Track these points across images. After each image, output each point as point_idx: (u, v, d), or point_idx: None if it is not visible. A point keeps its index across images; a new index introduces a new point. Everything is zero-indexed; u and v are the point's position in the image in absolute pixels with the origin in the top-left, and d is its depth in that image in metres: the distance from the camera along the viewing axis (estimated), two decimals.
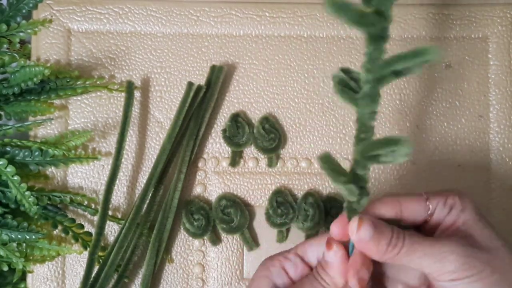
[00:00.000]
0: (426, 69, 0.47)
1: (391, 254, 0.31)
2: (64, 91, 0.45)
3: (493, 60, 0.48)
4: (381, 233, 0.31)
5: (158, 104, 0.47)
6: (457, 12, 0.48)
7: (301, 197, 0.46)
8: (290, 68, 0.48)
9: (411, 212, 0.33)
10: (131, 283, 0.46)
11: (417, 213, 0.33)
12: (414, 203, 0.33)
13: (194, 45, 0.48)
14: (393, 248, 0.31)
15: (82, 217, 0.46)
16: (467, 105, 0.47)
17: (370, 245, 0.31)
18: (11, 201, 0.43)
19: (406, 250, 0.31)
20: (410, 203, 0.33)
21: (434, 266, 0.31)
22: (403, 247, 0.31)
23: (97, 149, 0.47)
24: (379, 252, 0.31)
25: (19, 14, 0.46)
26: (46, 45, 0.47)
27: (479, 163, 0.47)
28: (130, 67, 0.48)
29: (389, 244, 0.31)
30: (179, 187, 0.45)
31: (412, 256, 0.31)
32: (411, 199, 0.34)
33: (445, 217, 0.33)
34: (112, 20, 0.48)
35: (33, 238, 0.42)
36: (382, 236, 0.31)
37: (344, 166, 0.46)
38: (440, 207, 0.33)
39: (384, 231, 0.31)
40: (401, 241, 0.31)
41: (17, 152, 0.44)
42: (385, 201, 0.33)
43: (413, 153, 0.47)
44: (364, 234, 0.31)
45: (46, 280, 0.46)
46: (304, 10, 0.48)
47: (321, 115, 0.47)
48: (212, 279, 0.46)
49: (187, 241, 0.46)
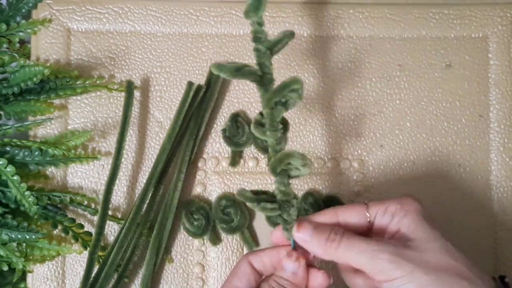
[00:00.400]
0: (426, 69, 0.47)
1: (331, 248, 0.34)
2: (64, 91, 0.45)
3: (493, 60, 0.48)
4: (319, 229, 0.35)
5: (158, 104, 0.47)
6: (457, 11, 0.48)
7: (301, 197, 0.46)
8: (290, 68, 0.47)
9: (350, 221, 0.36)
10: (131, 283, 0.46)
11: (356, 222, 0.36)
12: (353, 212, 0.36)
13: (194, 45, 0.48)
14: (331, 243, 0.34)
15: (82, 217, 0.46)
16: (467, 105, 0.47)
17: (312, 242, 0.34)
18: (11, 201, 0.43)
19: (344, 245, 0.33)
20: (348, 213, 0.36)
21: (368, 264, 0.32)
22: (341, 241, 0.33)
23: (97, 149, 0.47)
24: (320, 246, 0.34)
25: (19, 13, 0.46)
26: (46, 44, 0.47)
27: (479, 163, 0.47)
28: (130, 66, 0.48)
29: (327, 239, 0.34)
30: (179, 187, 0.45)
31: (350, 252, 0.33)
32: (349, 209, 0.36)
33: (389, 225, 0.35)
34: (111, 19, 0.48)
35: (33, 238, 0.42)
36: (321, 232, 0.34)
37: (344, 166, 0.47)
38: (380, 215, 0.35)
39: (322, 228, 0.35)
40: (339, 237, 0.34)
41: (17, 152, 0.44)
42: (323, 212, 0.37)
43: (413, 153, 0.47)
44: (304, 233, 0.35)
45: (46, 280, 0.46)
46: (304, 10, 0.48)
47: (321, 115, 0.47)
48: (212, 279, 0.46)
49: (187, 241, 0.46)
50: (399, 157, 0.47)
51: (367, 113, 0.47)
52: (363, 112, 0.47)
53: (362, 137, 0.47)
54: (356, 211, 0.36)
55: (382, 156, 0.47)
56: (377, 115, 0.47)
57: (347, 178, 0.47)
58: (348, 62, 0.48)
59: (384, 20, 0.48)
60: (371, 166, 0.47)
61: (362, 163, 0.47)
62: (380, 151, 0.47)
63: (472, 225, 0.46)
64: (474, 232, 0.46)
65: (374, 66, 0.48)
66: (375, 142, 0.47)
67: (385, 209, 0.35)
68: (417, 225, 0.34)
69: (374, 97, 0.47)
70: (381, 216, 0.35)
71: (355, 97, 0.47)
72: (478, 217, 0.46)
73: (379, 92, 0.47)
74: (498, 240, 0.46)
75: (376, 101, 0.47)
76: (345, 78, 0.47)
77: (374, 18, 0.48)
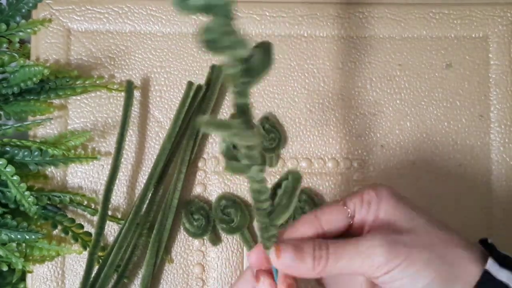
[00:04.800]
0: (426, 69, 0.47)
1: (321, 266, 0.31)
2: (64, 91, 0.45)
3: (494, 60, 0.48)
4: (302, 251, 0.31)
5: (158, 104, 0.47)
6: (458, 11, 0.48)
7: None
8: (290, 68, 0.47)
9: (332, 222, 0.33)
10: (131, 283, 0.46)
11: (338, 221, 0.33)
12: (332, 211, 0.33)
13: (194, 45, 0.48)
14: (319, 261, 0.31)
15: (82, 217, 0.46)
16: (468, 105, 0.47)
17: (297, 266, 0.31)
18: (10, 201, 0.43)
19: (333, 257, 0.31)
20: (328, 214, 0.33)
21: (365, 265, 0.30)
22: (328, 256, 0.31)
23: (97, 149, 0.47)
24: (308, 269, 0.31)
25: (19, 13, 0.46)
26: (46, 44, 0.47)
27: (479, 163, 0.47)
28: (130, 66, 0.48)
29: (314, 258, 0.31)
30: (179, 187, 0.45)
31: (342, 262, 0.31)
32: (328, 209, 0.33)
33: (367, 214, 0.33)
34: (111, 19, 0.48)
35: (33, 238, 0.42)
36: (305, 253, 0.31)
37: (344, 166, 0.47)
38: (358, 207, 0.33)
39: (304, 248, 0.31)
40: (325, 251, 0.31)
41: (16, 152, 0.44)
42: (303, 220, 0.33)
43: (413, 153, 0.47)
44: (285, 259, 0.31)
45: (45, 280, 0.45)
46: (304, 10, 0.48)
47: (321, 115, 0.47)
48: (212, 279, 0.46)
49: (187, 241, 0.46)
50: (399, 157, 0.47)
51: (367, 113, 0.47)
52: (363, 112, 0.47)
53: (362, 137, 0.47)
54: (336, 209, 0.33)
55: (382, 156, 0.47)
56: (377, 115, 0.47)
57: (347, 178, 0.47)
58: (348, 62, 0.48)
59: (384, 20, 0.48)
60: (371, 166, 0.47)
61: (362, 163, 0.47)
62: (380, 151, 0.47)
63: (472, 225, 0.46)
64: (473, 232, 0.46)
65: (374, 66, 0.47)
66: (375, 142, 0.47)
67: (361, 199, 0.33)
68: (395, 208, 0.32)
69: (374, 97, 0.47)
70: (360, 208, 0.33)
71: (355, 97, 0.47)
72: (478, 217, 0.46)
73: (379, 92, 0.47)
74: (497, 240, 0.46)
75: (376, 101, 0.47)
76: (345, 78, 0.47)
77: (374, 18, 0.48)
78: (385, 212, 0.32)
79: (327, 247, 0.31)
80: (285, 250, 0.31)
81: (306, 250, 0.31)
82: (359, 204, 0.33)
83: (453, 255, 0.31)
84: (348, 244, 0.31)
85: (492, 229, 0.46)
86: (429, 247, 0.31)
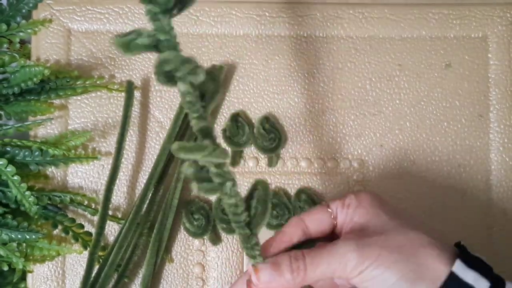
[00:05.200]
0: (426, 69, 0.48)
1: (300, 276, 0.32)
2: (64, 91, 0.45)
3: (493, 60, 0.48)
4: (279, 265, 0.32)
5: (158, 104, 0.47)
6: (457, 11, 0.48)
7: (294, 195, 0.46)
8: (290, 68, 0.48)
9: (318, 224, 0.35)
10: (131, 283, 0.46)
11: (323, 222, 0.35)
12: (317, 214, 0.36)
13: (194, 45, 0.48)
14: (298, 271, 0.32)
15: (82, 217, 0.46)
16: (467, 105, 0.47)
17: (277, 280, 0.32)
18: (11, 201, 0.43)
19: (310, 266, 0.32)
20: (313, 216, 0.35)
21: (340, 270, 0.32)
22: (305, 266, 0.32)
23: (97, 149, 0.47)
24: (288, 281, 0.32)
25: (19, 14, 0.46)
26: (46, 45, 0.47)
27: (479, 163, 0.47)
28: (130, 67, 0.48)
29: (292, 270, 0.32)
30: (179, 187, 0.45)
31: (320, 268, 0.32)
32: (313, 212, 0.36)
33: (346, 217, 0.35)
34: (112, 20, 0.48)
35: (33, 238, 0.42)
36: (282, 267, 0.32)
37: (344, 166, 0.47)
38: (340, 210, 0.35)
39: (281, 263, 0.33)
40: (302, 261, 0.32)
41: (17, 152, 0.44)
42: (290, 224, 0.35)
43: (413, 153, 0.47)
44: (265, 277, 0.32)
45: (46, 280, 0.46)
46: (304, 10, 0.48)
47: (321, 115, 0.47)
48: (212, 279, 0.46)
49: (187, 241, 0.46)
50: (399, 157, 0.47)
51: (367, 113, 0.47)
52: (363, 112, 0.47)
53: (362, 137, 0.47)
54: (320, 211, 0.36)
55: (382, 156, 0.47)
56: (377, 115, 0.47)
57: (347, 178, 0.47)
58: (348, 62, 0.48)
59: (384, 20, 0.48)
60: (371, 166, 0.47)
61: (362, 163, 0.47)
62: (380, 151, 0.47)
63: (472, 225, 0.46)
64: (473, 232, 0.46)
65: (374, 66, 0.48)
66: (375, 142, 0.47)
67: (343, 203, 0.35)
68: (371, 213, 0.34)
69: (374, 97, 0.47)
70: (341, 211, 0.35)
71: (355, 97, 0.47)
72: (478, 217, 0.46)
73: (379, 92, 0.47)
74: (497, 240, 0.46)
75: (376, 101, 0.47)
76: (345, 78, 0.47)
77: (374, 18, 0.48)
78: (360, 216, 0.34)
79: (304, 257, 0.33)
80: (263, 269, 0.32)
81: (282, 264, 0.33)
82: (340, 207, 0.35)
83: (421, 256, 0.32)
84: (323, 251, 0.33)
85: (492, 229, 0.46)
86: (397, 248, 0.32)
